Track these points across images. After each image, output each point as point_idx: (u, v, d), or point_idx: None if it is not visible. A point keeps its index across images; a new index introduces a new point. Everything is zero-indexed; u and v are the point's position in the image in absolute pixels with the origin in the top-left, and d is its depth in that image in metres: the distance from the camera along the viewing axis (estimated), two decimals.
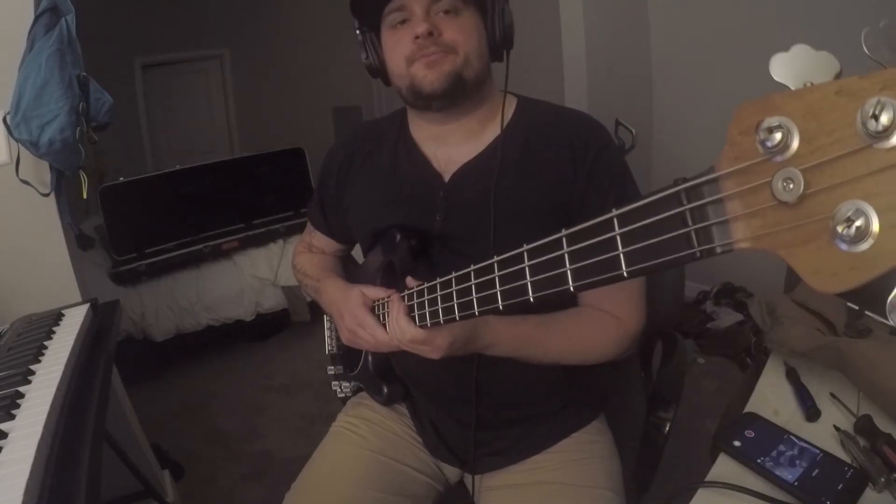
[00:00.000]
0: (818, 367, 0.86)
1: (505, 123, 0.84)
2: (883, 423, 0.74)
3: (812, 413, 0.79)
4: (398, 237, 0.82)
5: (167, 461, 1.84)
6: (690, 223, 0.32)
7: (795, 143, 0.27)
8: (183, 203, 2.81)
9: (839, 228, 0.25)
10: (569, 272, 0.41)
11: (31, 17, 1.17)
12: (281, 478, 1.86)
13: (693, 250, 0.32)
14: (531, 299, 0.46)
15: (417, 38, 0.75)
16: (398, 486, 0.90)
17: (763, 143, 0.28)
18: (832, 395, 0.82)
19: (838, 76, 0.28)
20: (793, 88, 0.28)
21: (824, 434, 0.76)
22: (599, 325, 0.81)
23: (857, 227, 0.25)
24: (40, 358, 0.92)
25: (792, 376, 0.87)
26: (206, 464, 1.98)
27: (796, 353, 0.88)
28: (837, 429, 0.76)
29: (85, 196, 1.31)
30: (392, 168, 0.89)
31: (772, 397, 0.84)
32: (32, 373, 0.87)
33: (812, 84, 0.28)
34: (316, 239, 1.07)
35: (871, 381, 0.78)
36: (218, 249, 2.72)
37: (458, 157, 0.84)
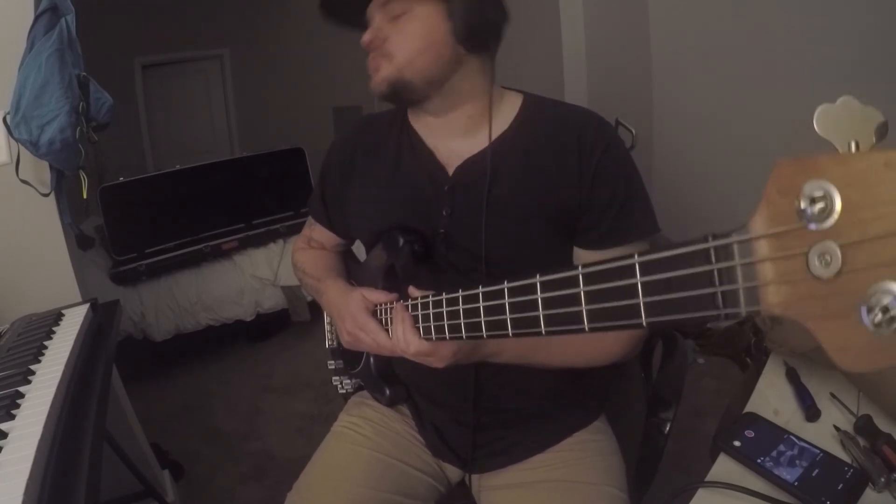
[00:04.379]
0: (818, 367, 0.86)
1: (509, 121, 0.83)
2: (883, 423, 0.74)
3: (812, 413, 0.79)
4: (401, 241, 0.81)
5: (167, 461, 1.84)
6: (718, 283, 0.30)
7: (837, 214, 0.26)
8: (183, 203, 2.81)
9: (870, 312, 0.25)
10: (584, 312, 0.40)
11: (31, 17, 1.17)
12: (281, 478, 1.87)
13: (718, 312, 0.31)
14: (543, 332, 0.45)
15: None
16: (401, 486, 0.90)
17: (803, 211, 0.27)
18: (832, 395, 0.82)
19: (882, 128, 0.27)
20: (837, 147, 0.27)
21: (824, 434, 0.76)
22: None
23: (891, 314, 0.24)
24: (40, 358, 0.92)
25: (792, 376, 0.87)
26: (206, 464, 1.98)
27: (796, 353, 0.88)
28: (837, 429, 0.76)
29: (85, 196, 1.31)
30: (396, 162, 0.88)
31: (772, 397, 0.84)
32: (32, 373, 0.87)
33: (857, 144, 0.27)
34: (316, 232, 1.07)
35: (871, 381, 0.78)
36: (218, 249, 2.72)
37: (461, 151, 0.83)
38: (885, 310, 0.24)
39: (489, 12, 0.76)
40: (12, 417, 0.75)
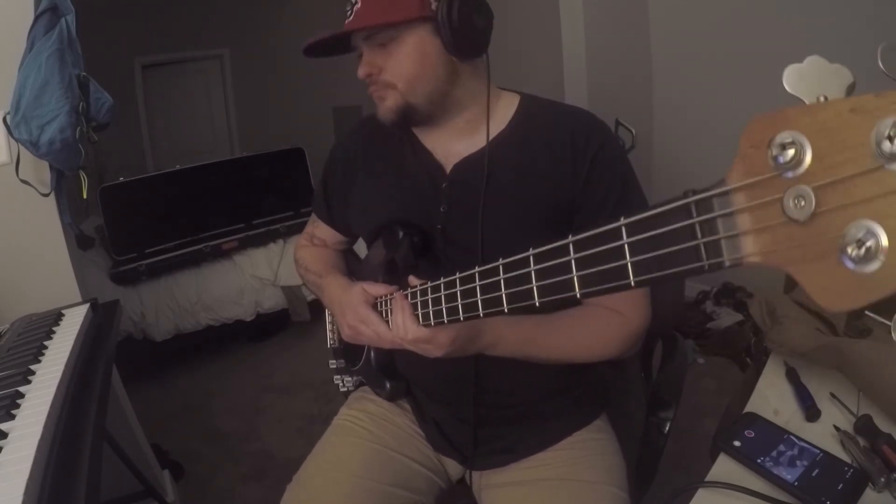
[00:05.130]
0: (818, 367, 0.86)
1: (506, 121, 0.84)
2: (883, 423, 0.74)
3: (812, 413, 0.79)
4: (401, 234, 0.82)
5: (167, 461, 1.84)
6: (700, 236, 0.32)
7: (808, 160, 0.27)
8: (183, 203, 2.81)
9: (849, 248, 0.25)
10: (575, 279, 0.41)
11: (31, 17, 1.17)
12: (281, 478, 1.86)
13: (702, 263, 0.32)
14: (537, 304, 0.46)
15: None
16: (401, 479, 0.90)
17: (775, 158, 0.28)
18: (832, 395, 0.82)
19: (851, 88, 0.28)
20: (806, 101, 0.28)
21: (824, 434, 0.76)
22: (604, 323, 0.80)
23: (867, 248, 0.25)
24: (40, 358, 0.93)
25: (792, 376, 0.87)
26: (206, 464, 1.99)
27: (796, 353, 0.88)
28: (837, 429, 0.76)
29: (85, 196, 1.31)
30: (396, 161, 0.90)
31: (772, 397, 0.84)
32: (32, 373, 0.87)
33: (825, 98, 0.27)
34: (319, 230, 1.08)
35: (871, 381, 0.78)
36: (218, 249, 2.72)
37: (459, 150, 0.85)
38: (861, 244, 0.25)
39: (475, 19, 0.76)
40: (12, 417, 0.75)
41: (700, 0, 2.35)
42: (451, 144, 0.85)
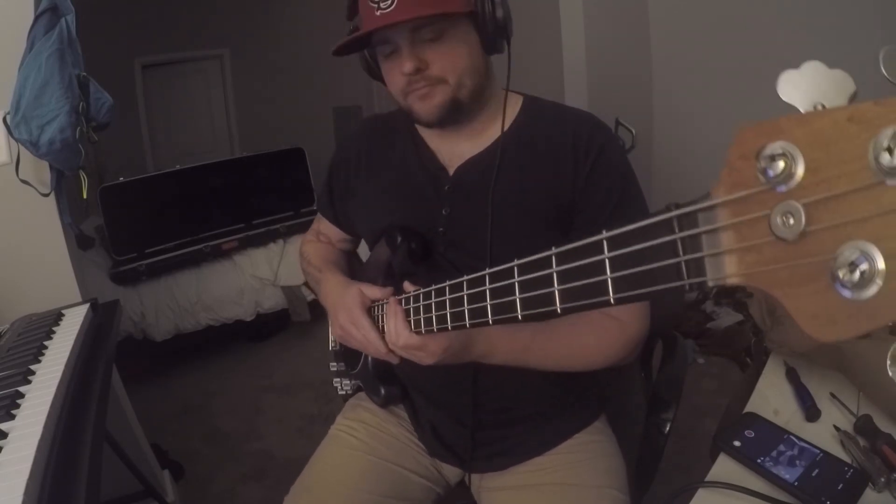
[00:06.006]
0: (818, 367, 0.86)
1: (509, 122, 0.84)
2: (883, 423, 0.74)
3: (812, 413, 0.79)
4: (399, 239, 0.82)
5: (167, 461, 1.84)
6: (682, 253, 0.30)
7: (800, 173, 0.25)
8: (183, 203, 2.81)
9: (841, 272, 0.23)
10: (556, 293, 0.40)
11: (31, 17, 1.17)
12: (281, 478, 1.86)
13: (682, 282, 0.30)
14: (519, 317, 0.44)
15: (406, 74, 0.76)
16: (396, 490, 0.90)
17: (764, 171, 0.26)
18: (832, 395, 0.82)
19: (853, 98, 0.25)
20: (802, 111, 0.26)
21: (824, 434, 0.76)
22: (601, 331, 0.79)
23: (862, 273, 0.22)
24: (40, 358, 0.93)
25: (792, 376, 0.87)
26: (206, 464, 1.98)
27: (796, 353, 0.88)
28: (837, 429, 0.76)
29: (85, 196, 1.31)
30: (399, 162, 0.90)
31: (772, 397, 0.84)
32: (32, 373, 0.87)
33: (823, 107, 0.25)
34: (323, 226, 1.08)
35: (871, 381, 0.78)
36: (218, 249, 2.72)
37: (463, 152, 0.85)
38: (854, 267, 0.23)
39: (507, 15, 0.76)
40: (12, 417, 0.75)
41: (700, 0, 2.35)
42: (458, 146, 0.85)
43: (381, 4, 0.72)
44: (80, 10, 1.19)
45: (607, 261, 0.35)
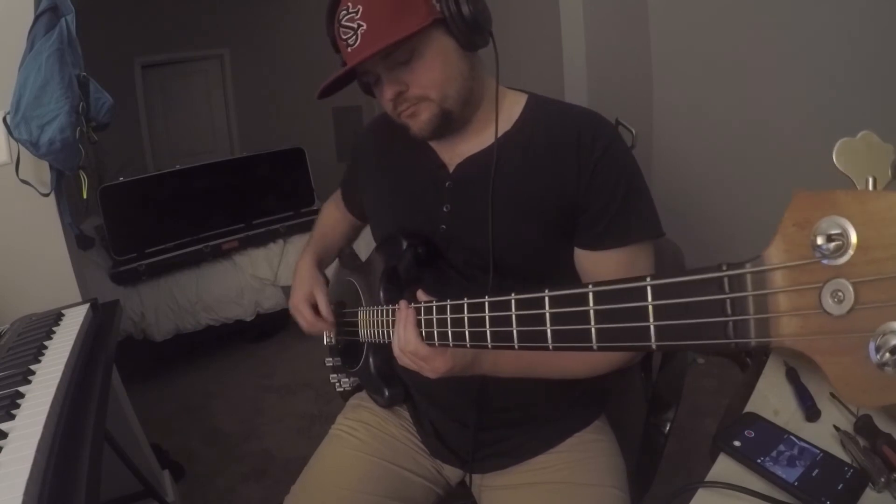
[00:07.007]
0: (818, 367, 0.86)
1: (513, 120, 0.83)
2: (883, 423, 0.74)
3: (812, 413, 0.79)
4: (404, 244, 0.82)
5: (167, 461, 1.84)
6: (730, 313, 0.30)
7: (851, 251, 0.26)
8: (183, 203, 2.81)
9: (878, 351, 0.25)
10: (593, 331, 0.39)
11: (31, 17, 1.17)
12: (281, 478, 1.86)
13: (729, 341, 0.31)
14: (550, 348, 0.44)
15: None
16: (397, 491, 0.90)
17: (819, 246, 0.27)
18: (832, 395, 0.82)
19: (895, 166, 0.27)
20: (855, 182, 0.27)
21: (824, 434, 0.76)
22: None
23: None
24: (40, 358, 0.92)
25: (792, 376, 0.87)
26: (206, 464, 1.98)
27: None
28: (837, 429, 0.76)
29: (85, 196, 1.31)
30: (402, 160, 0.90)
31: (772, 397, 0.84)
32: (32, 373, 0.87)
33: (874, 179, 0.27)
34: (339, 196, 1.14)
35: None
36: (218, 249, 2.72)
37: (464, 150, 0.85)
38: (893, 350, 0.24)
39: (478, 7, 0.74)
40: (12, 417, 0.75)
41: (700, 0, 2.35)
42: (459, 145, 0.85)
43: (349, 41, 0.74)
44: (80, 10, 1.19)
45: (651, 307, 0.35)
